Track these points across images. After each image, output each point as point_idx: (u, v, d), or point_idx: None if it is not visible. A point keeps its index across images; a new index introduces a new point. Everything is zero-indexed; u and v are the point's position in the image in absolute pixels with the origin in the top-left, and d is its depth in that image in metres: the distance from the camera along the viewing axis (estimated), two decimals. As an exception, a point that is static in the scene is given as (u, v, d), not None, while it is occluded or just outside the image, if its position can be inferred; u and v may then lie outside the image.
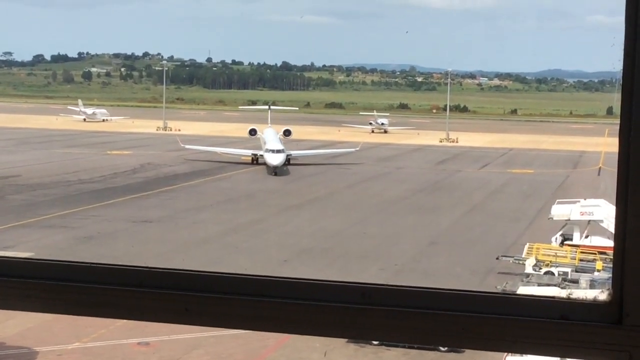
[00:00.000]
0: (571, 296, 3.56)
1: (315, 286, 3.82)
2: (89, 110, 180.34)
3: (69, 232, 62.95)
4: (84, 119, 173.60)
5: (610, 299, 3.50)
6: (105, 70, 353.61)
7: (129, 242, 60.67)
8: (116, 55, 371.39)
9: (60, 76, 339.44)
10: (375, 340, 31.62)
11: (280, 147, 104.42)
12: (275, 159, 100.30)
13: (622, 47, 3.48)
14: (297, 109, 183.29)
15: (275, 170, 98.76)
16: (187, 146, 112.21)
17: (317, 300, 3.76)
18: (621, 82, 3.56)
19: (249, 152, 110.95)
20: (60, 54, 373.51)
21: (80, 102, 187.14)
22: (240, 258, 56.09)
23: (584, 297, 3.54)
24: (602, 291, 3.52)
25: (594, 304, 3.52)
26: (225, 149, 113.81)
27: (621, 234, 3.50)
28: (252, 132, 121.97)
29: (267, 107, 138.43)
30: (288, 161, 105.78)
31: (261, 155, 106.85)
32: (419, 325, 3.65)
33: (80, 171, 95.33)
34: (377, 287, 3.75)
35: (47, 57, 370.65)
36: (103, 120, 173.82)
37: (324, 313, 3.75)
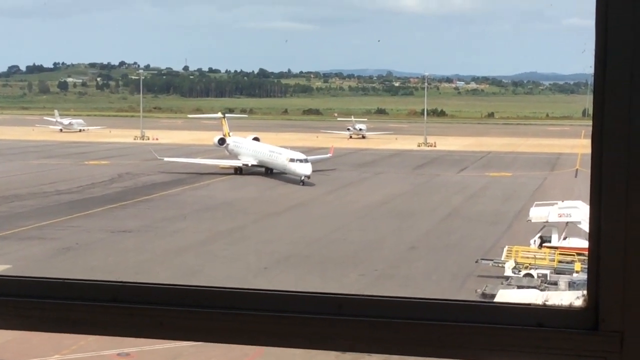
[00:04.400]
0: (547, 303, 3.56)
1: (291, 297, 3.79)
2: (66, 121, 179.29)
3: (46, 244, 62.55)
4: (61, 130, 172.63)
5: (585, 305, 3.50)
6: (81, 80, 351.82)
7: (108, 252, 60.38)
8: (92, 65, 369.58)
9: (36, 87, 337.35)
10: (351, 352, 31.31)
11: (304, 156, 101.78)
12: (307, 169, 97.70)
13: (593, 52, 3.49)
14: (247, 116, 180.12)
15: (302, 180, 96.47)
16: (166, 159, 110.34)
17: (293, 312, 3.73)
18: (593, 88, 3.57)
19: (231, 162, 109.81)
20: (36, 64, 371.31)
21: (56, 112, 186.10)
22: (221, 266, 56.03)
23: (560, 304, 3.54)
24: (578, 297, 3.52)
25: (569, 311, 3.52)
26: (206, 161, 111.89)
27: (595, 240, 3.50)
28: (221, 141, 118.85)
29: (219, 115, 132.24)
30: (271, 170, 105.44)
31: (246, 165, 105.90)
32: (396, 335, 3.63)
33: (57, 182, 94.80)
34: (353, 298, 3.73)
35: (23, 68, 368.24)
36: (80, 131, 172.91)
37: (300, 325, 3.73)
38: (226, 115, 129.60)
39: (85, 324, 3.89)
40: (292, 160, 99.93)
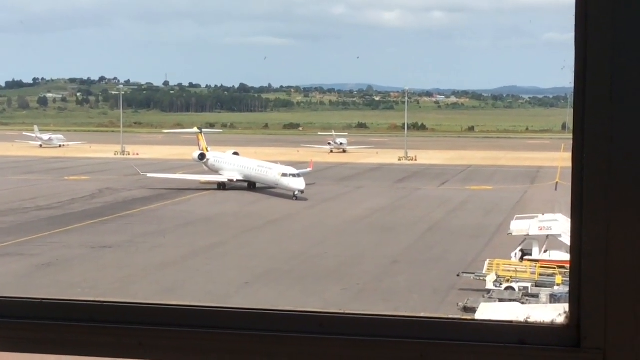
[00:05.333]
0: (529, 320, 3.53)
1: (272, 316, 3.76)
2: (45, 136, 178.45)
3: (26, 260, 62.11)
4: (41, 145, 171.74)
5: (568, 322, 3.48)
6: (61, 96, 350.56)
7: (88, 268, 60.02)
8: (72, 80, 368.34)
9: (15, 102, 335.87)
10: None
11: (296, 170, 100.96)
12: (300, 183, 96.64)
13: (573, 68, 3.49)
14: (222, 131, 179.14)
15: (296, 195, 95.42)
16: (149, 175, 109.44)
17: (274, 331, 3.70)
18: (573, 102, 3.57)
19: (214, 178, 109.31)
20: (15, 80, 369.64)
21: (36, 128, 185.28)
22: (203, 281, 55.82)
23: (542, 321, 3.52)
24: (560, 314, 3.50)
25: (551, 328, 3.50)
26: (188, 176, 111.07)
27: (576, 256, 3.48)
28: (201, 157, 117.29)
29: (195, 130, 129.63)
30: (254, 185, 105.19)
31: (231, 180, 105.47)
32: (377, 354, 3.60)
33: (37, 198, 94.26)
34: (335, 316, 3.70)
35: (2, 84, 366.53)
36: (60, 146, 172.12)
37: (281, 344, 3.69)
38: (202, 130, 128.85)
39: (63, 344, 3.84)
40: (284, 175, 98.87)
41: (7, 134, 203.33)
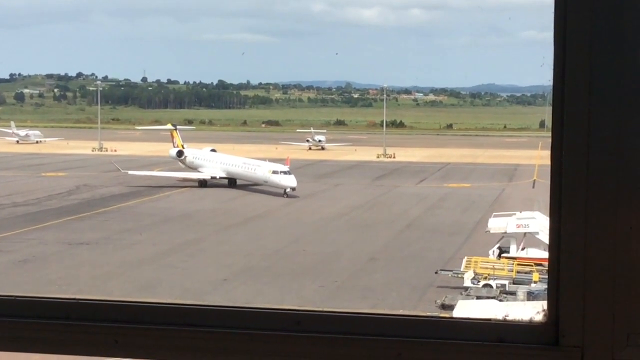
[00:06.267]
0: (507, 318, 3.53)
1: (249, 314, 3.73)
2: (22, 132, 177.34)
3: (2, 256, 61.72)
4: (17, 141, 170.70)
5: (546, 320, 3.47)
6: (38, 91, 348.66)
7: (65, 264, 59.74)
8: (49, 76, 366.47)
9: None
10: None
11: (287, 167, 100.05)
12: (291, 181, 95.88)
13: (552, 66, 3.48)
14: (194, 128, 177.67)
15: (287, 193, 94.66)
16: (130, 172, 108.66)
17: (250, 329, 3.67)
18: (551, 100, 3.56)
19: (195, 175, 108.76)
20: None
21: (12, 123, 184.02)
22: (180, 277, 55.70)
23: (520, 319, 3.51)
24: (538, 312, 3.49)
25: (530, 326, 3.50)
26: (169, 173, 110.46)
27: (555, 254, 3.48)
28: (179, 153, 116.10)
29: (169, 126, 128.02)
30: (234, 182, 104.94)
31: (214, 177, 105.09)
32: (355, 351, 3.58)
33: (14, 194, 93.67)
34: (312, 314, 3.68)
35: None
36: (37, 142, 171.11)
37: (258, 341, 3.67)
38: (177, 127, 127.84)
39: (38, 342, 3.80)
40: (275, 172, 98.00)
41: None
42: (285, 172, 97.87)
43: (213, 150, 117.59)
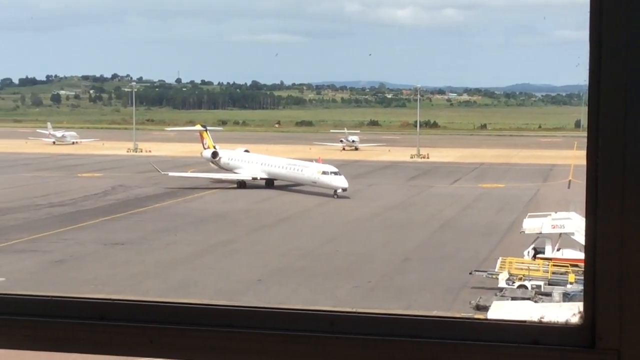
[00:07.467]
0: (543, 320, 3.50)
1: (282, 314, 3.74)
2: (58, 133, 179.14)
3: (39, 256, 62.33)
4: (54, 142, 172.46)
5: (582, 322, 3.44)
6: (74, 93, 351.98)
7: (101, 264, 60.20)
8: (85, 78, 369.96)
9: (28, 99, 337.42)
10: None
11: (335, 168, 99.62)
12: (342, 181, 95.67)
13: (587, 66, 3.46)
14: (222, 129, 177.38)
15: (337, 193, 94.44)
16: (170, 174, 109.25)
17: (285, 330, 3.67)
18: (587, 100, 3.53)
19: (234, 176, 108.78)
20: (29, 77, 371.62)
21: (49, 125, 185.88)
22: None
23: (556, 321, 3.49)
24: (574, 314, 3.46)
25: (566, 328, 3.47)
26: (210, 175, 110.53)
27: (591, 256, 3.45)
28: (214, 155, 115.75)
29: (199, 127, 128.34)
30: (272, 182, 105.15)
31: (255, 178, 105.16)
32: (388, 353, 3.57)
33: (50, 194, 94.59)
34: (346, 315, 3.67)
35: (15, 81, 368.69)
36: (73, 143, 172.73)
37: (291, 342, 3.67)
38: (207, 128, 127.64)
39: (74, 342, 3.83)
40: (324, 173, 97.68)
41: (21, 131, 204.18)
42: (335, 173, 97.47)
43: (246, 151, 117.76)
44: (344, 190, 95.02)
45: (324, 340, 3.61)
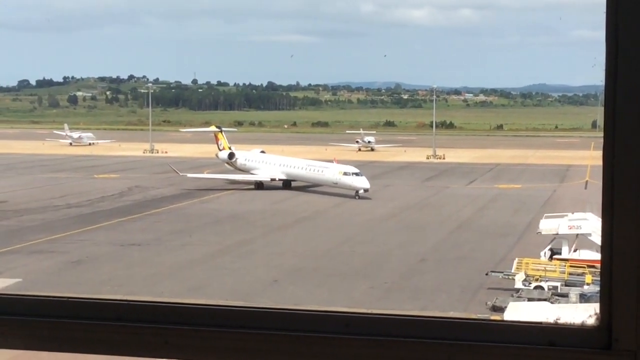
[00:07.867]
0: (559, 321, 3.49)
1: (298, 316, 3.73)
2: (75, 135, 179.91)
3: (57, 257, 62.59)
4: (70, 143, 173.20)
5: (598, 323, 3.43)
6: (90, 94, 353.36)
7: (117, 265, 60.38)
8: (101, 79, 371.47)
9: (45, 101, 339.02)
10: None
11: (356, 169, 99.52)
12: (364, 182, 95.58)
13: (604, 66, 3.44)
14: (237, 130, 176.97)
15: (358, 194, 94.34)
16: (189, 175, 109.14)
17: (300, 331, 3.67)
18: (603, 100, 3.52)
19: (251, 177, 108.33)
20: (45, 78, 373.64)
21: (66, 126, 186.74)
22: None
23: (572, 322, 3.47)
24: (590, 315, 3.45)
25: (582, 329, 3.45)
26: (228, 176, 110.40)
27: (607, 256, 3.43)
28: (231, 156, 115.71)
29: (213, 128, 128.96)
30: (290, 183, 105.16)
31: (273, 179, 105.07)
32: (404, 354, 3.56)
33: (67, 195, 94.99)
34: (361, 316, 3.67)
35: (32, 82, 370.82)
36: (89, 144, 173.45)
37: (306, 344, 3.67)
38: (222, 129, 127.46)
39: (90, 343, 3.84)
40: (346, 174, 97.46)
41: (38, 133, 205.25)
42: (356, 174, 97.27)
43: (262, 152, 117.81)
44: (366, 191, 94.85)
45: (338, 341, 3.61)
